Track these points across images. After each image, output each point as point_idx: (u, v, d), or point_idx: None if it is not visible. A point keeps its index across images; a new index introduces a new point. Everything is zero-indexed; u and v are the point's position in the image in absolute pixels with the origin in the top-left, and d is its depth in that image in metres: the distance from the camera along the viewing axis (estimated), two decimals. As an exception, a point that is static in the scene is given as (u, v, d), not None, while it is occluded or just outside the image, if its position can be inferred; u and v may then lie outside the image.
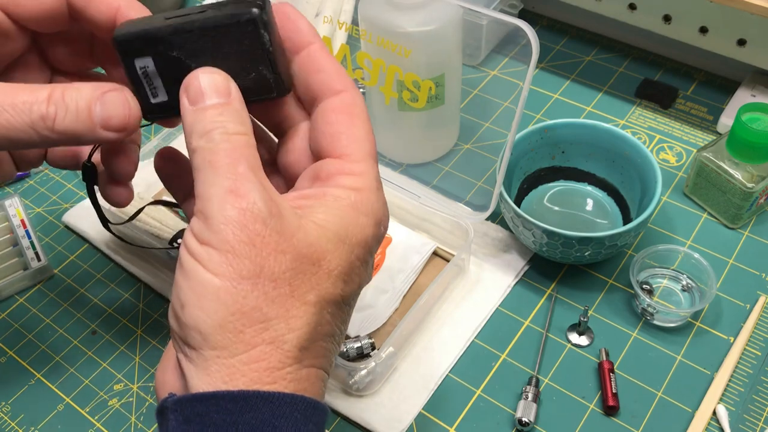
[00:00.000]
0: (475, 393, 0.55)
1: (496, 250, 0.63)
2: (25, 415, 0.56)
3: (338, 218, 0.34)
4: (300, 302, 0.32)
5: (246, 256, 0.31)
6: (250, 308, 0.31)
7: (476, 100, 0.75)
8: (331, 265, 0.33)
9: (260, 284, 0.31)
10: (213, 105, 0.34)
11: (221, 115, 0.34)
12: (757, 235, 0.63)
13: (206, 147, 0.33)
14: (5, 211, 0.67)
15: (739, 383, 0.54)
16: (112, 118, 0.36)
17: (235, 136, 0.33)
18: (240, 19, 0.34)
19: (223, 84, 0.34)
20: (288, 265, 0.32)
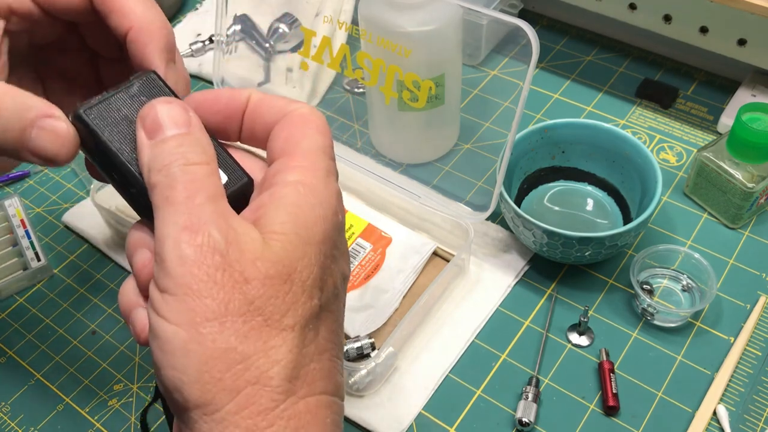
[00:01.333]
0: (475, 393, 0.55)
1: (496, 250, 0.63)
2: (25, 415, 0.56)
3: (294, 216, 0.32)
4: (277, 329, 0.30)
5: (207, 295, 0.29)
6: (223, 351, 0.29)
7: (476, 100, 0.75)
8: (303, 276, 0.31)
9: (228, 322, 0.29)
10: (173, 136, 0.32)
11: (181, 146, 0.32)
12: (758, 235, 0.63)
13: (164, 182, 0.31)
14: (5, 211, 0.67)
15: (739, 383, 0.54)
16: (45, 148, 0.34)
17: (194, 167, 0.31)
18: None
19: (182, 113, 0.33)
20: (255, 292, 0.29)
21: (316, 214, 0.32)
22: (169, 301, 0.29)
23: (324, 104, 0.76)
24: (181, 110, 0.33)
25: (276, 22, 0.76)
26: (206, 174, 0.32)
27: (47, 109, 0.34)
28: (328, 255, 0.32)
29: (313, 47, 0.63)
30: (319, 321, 0.32)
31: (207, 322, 0.29)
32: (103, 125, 0.33)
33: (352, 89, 0.77)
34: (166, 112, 0.33)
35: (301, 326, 0.30)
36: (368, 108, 0.70)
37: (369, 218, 0.64)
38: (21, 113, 0.33)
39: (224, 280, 0.29)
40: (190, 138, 0.32)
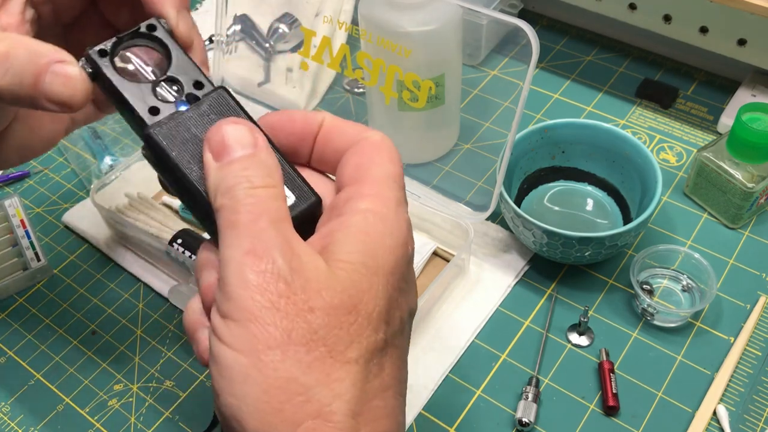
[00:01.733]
0: (475, 393, 0.55)
1: (496, 250, 0.63)
2: (25, 416, 0.56)
3: (363, 245, 0.31)
4: (341, 362, 0.28)
5: (270, 323, 0.28)
6: (284, 380, 0.28)
7: (476, 100, 0.75)
8: (369, 307, 0.30)
9: (291, 351, 0.28)
10: (238, 158, 0.31)
11: (246, 169, 0.31)
12: (758, 235, 0.63)
13: (228, 205, 0.30)
14: (5, 211, 0.67)
15: (739, 383, 0.54)
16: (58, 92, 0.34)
17: (259, 190, 0.31)
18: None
19: (249, 135, 0.32)
20: (320, 322, 0.28)
21: (385, 244, 0.31)
22: (231, 327, 0.29)
23: (324, 104, 0.76)
24: (248, 131, 0.32)
25: (276, 22, 0.76)
26: (271, 197, 0.31)
27: (58, 55, 0.34)
28: (396, 287, 0.31)
29: (313, 47, 0.63)
30: (384, 356, 0.30)
31: (269, 350, 0.28)
32: (173, 144, 0.33)
33: (352, 89, 0.77)
34: (233, 134, 0.32)
35: (366, 360, 0.29)
36: (368, 108, 0.70)
37: (369, 218, 0.64)
38: (34, 60, 0.33)
39: (288, 308, 0.28)
40: (255, 160, 0.32)
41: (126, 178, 0.69)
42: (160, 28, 0.36)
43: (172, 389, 0.57)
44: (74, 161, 0.74)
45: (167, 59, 0.36)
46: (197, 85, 0.35)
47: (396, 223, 0.32)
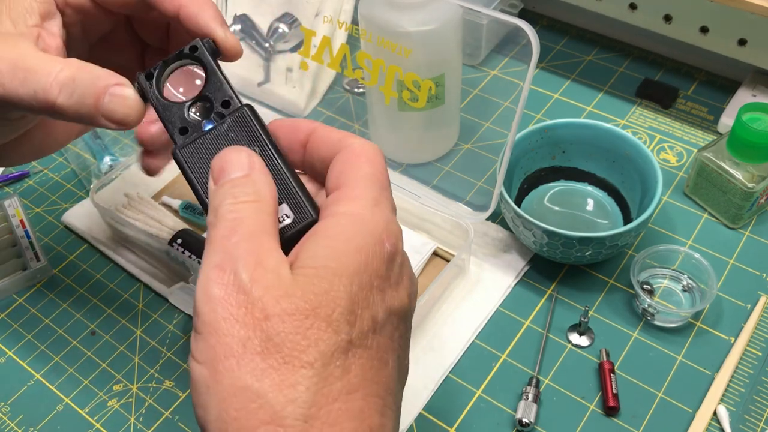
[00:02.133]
0: (475, 393, 0.55)
1: (497, 250, 0.63)
2: (24, 416, 0.56)
3: (328, 249, 0.31)
4: (295, 366, 0.29)
5: (227, 334, 0.29)
6: (239, 389, 0.28)
7: (476, 100, 0.75)
8: (328, 309, 0.30)
9: (246, 359, 0.29)
10: (231, 179, 0.33)
11: (234, 186, 0.33)
12: (758, 235, 0.63)
13: (211, 222, 0.32)
14: (4, 211, 0.67)
15: (739, 384, 0.54)
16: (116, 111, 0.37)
17: (241, 204, 0.32)
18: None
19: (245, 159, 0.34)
20: (275, 329, 0.29)
21: (352, 246, 0.31)
22: (197, 340, 0.30)
23: (324, 104, 0.76)
24: (246, 156, 0.34)
25: (276, 22, 0.76)
26: (253, 211, 0.32)
27: (116, 78, 0.37)
28: (363, 286, 0.31)
29: (313, 47, 0.63)
30: (348, 357, 0.30)
31: (225, 359, 0.29)
32: (192, 165, 0.36)
33: (352, 89, 0.77)
34: (230, 159, 0.34)
35: (323, 363, 0.29)
36: (368, 108, 0.70)
37: (369, 218, 0.64)
38: (95, 83, 0.37)
39: (245, 318, 0.29)
40: (246, 180, 0.33)
41: (126, 178, 0.69)
42: (202, 48, 0.38)
43: (172, 389, 0.57)
44: (74, 161, 0.74)
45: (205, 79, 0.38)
46: (225, 104, 0.37)
47: (369, 222, 0.32)
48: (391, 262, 0.33)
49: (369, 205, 0.33)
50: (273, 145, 0.36)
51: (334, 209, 0.33)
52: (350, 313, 0.30)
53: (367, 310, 0.31)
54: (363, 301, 0.31)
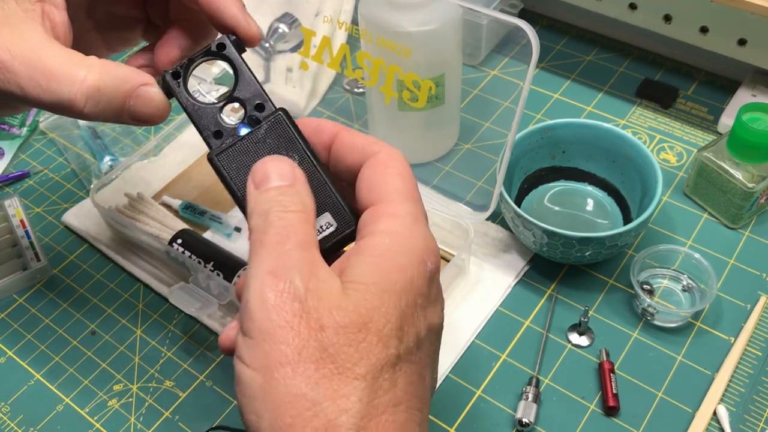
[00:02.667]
0: (475, 393, 0.55)
1: (496, 250, 0.63)
2: (24, 416, 0.56)
3: (375, 267, 0.32)
4: (348, 378, 0.30)
5: (283, 341, 0.30)
6: (294, 396, 0.29)
7: (476, 100, 0.75)
8: (379, 325, 0.31)
9: (301, 368, 0.29)
10: (276, 186, 0.34)
11: (282, 194, 0.33)
12: (758, 235, 0.63)
13: (261, 226, 0.33)
14: (5, 211, 0.67)
15: (739, 383, 0.54)
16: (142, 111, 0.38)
17: (290, 213, 0.33)
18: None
19: (289, 170, 0.34)
20: (330, 340, 0.30)
21: (397, 263, 0.32)
22: (249, 345, 0.30)
23: (324, 104, 0.76)
24: (289, 167, 0.35)
25: (276, 22, 0.76)
26: (300, 221, 0.33)
27: (141, 78, 0.38)
28: (410, 304, 0.32)
29: (313, 47, 0.63)
30: (396, 372, 0.31)
31: (281, 367, 0.29)
32: (230, 170, 0.36)
33: (352, 89, 0.77)
34: (274, 167, 0.34)
35: (374, 376, 0.30)
36: (368, 108, 0.70)
37: (369, 218, 0.64)
38: (121, 86, 0.37)
39: (300, 327, 0.30)
40: (291, 189, 0.34)
41: (126, 178, 0.69)
42: (229, 46, 0.38)
43: (172, 389, 0.57)
44: (74, 161, 0.74)
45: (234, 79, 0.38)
46: (259, 107, 0.37)
47: (410, 240, 0.34)
48: (431, 280, 0.34)
49: (408, 223, 0.34)
50: (311, 152, 0.36)
51: (373, 227, 0.34)
52: (399, 329, 0.31)
53: (413, 327, 0.32)
54: (410, 318, 0.32)
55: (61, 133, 0.77)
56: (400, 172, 0.36)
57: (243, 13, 0.40)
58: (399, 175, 0.35)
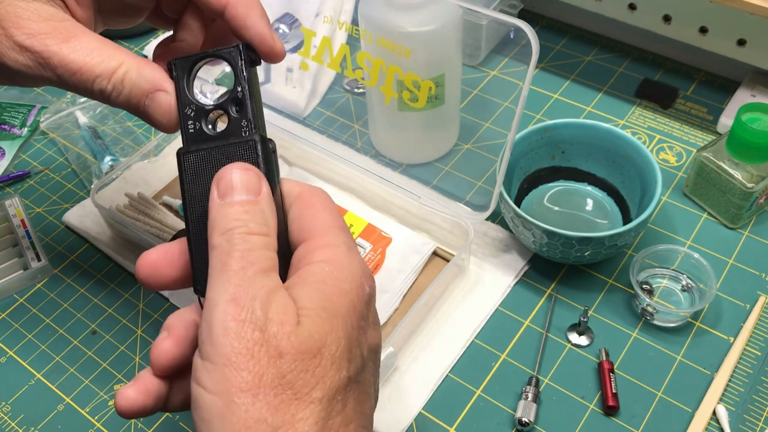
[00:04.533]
0: (475, 393, 0.55)
1: (496, 250, 0.63)
2: (25, 415, 0.56)
3: (320, 293, 0.33)
4: (305, 402, 0.31)
5: (244, 368, 0.31)
6: (254, 421, 0.30)
7: (476, 100, 0.75)
8: (332, 349, 0.32)
9: (261, 394, 0.31)
10: (240, 201, 0.34)
11: (246, 213, 0.34)
12: (757, 235, 0.63)
13: (224, 247, 0.33)
14: (5, 211, 0.67)
15: (739, 383, 0.54)
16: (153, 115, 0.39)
17: (254, 237, 0.33)
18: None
19: (255, 182, 0.35)
20: (288, 367, 0.31)
21: (340, 289, 0.34)
22: (209, 370, 0.31)
23: (324, 104, 0.76)
24: (256, 178, 0.35)
25: (276, 23, 0.76)
26: (263, 245, 0.33)
27: (158, 83, 0.39)
28: (355, 327, 0.34)
29: (313, 47, 0.63)
30: (347, 392, 0.33)
31: (242, 393, 0.30)
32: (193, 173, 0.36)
33: (352, 89, 0.77)
34: (240, 177, 0.34)
35: (329, 398, 0.32)
36: (368, 108, 0.70)
37: (369, 218, 0.64)
38: (140, 84, 0.39)
39: (260, 355, 0.31)
40: (256, 207, 0.34)
41: (126, 178, 0.69)
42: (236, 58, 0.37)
43: (172, 389, 0.57)
44: (74, 161, 0.74)
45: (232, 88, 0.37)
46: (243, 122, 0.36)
47: (349, 267, 0.35)
48: (370, 303, 0.36)
49: (344, 251, 0.35)
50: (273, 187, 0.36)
51: (311, 258, 0.35)
52: (349, 351, 0.33)
53: (358, 349, 0.34)
54: (355, 340, 0.34)
55: (62, 133, 0.77)
56: (326, 206, 0.37)
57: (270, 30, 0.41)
58: (326, 210, 0.37)
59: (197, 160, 0.36)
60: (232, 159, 0.36)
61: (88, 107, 0.78)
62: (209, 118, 0.37)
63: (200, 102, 0.37)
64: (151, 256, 0.37)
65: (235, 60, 0.37)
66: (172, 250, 0.37)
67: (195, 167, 0.36)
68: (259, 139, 0.36)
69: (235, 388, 0.30)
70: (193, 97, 0.37)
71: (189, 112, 0.37)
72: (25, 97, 0.81)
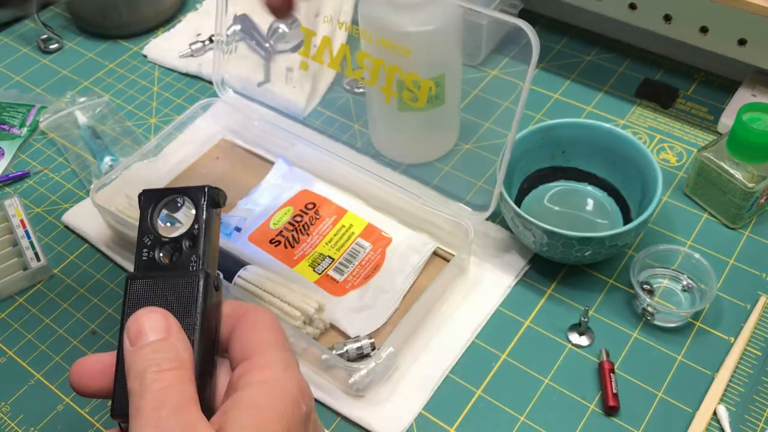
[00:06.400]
0: (475, 393, 0.55)
1: (497, 250, 0.63)
2: (25, 415, 0.56)
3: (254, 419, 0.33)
4: None
5: None
6: None
7: (476, 100, 0.75)
8: None
9: None
10: (151, 342, 0.34)
11: (156, 351, 0.34)
12: (758, 235, 0.63)
13: (137, 390, 0.33)
14: (5, 211, 0.67)
15: (739, 383, 0.54)
16: None
17: (166, 373, 0.33)
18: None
19: (163, 321, 0.35)
20: None
21: (275, 412, 0.34)
22: None
23: (324, 104, 0.76)
24: (162, 318, 0.35)
25: (276, 22, 0.76)
26: (177, 380, 0.33)
27: None
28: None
29: (313, 47, 0.63)
30: None
31: None
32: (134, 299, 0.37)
33: (352, 89, 0.77)
34: (147, 320, 0.35)
35: None
36: (368, 108, 0.70)
37: (369, 218, 0.64)
38: None
39: None
40: (166, 343, 0.34)
41: (126, 178, 0.69)
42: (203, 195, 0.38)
43: (172, 389, 0.57)
44: (74, 161, 0.74)
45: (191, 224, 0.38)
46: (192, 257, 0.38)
47: (284, 386, 0.35)
48: (307, 421, 0.36)
49: (280, 370, 0.35)
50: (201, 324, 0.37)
51: (248, 379, 0.35)
52: None
53: None
54: None
55: (61, 133, 0.77)
56: (268, 326, 0.37)
57: None
58: (266, 329, 0.37)
59: (142, 286, 0.37)
60: (175, 289, 0.37)
61: (88, 107, 0.78)
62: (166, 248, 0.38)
63: (159, 233, 0.38)
64: (85, 364, 0.37)
65: (198, 200, 0.38)
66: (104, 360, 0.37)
67: (138, 293, 0.37)
68: (203, 276, 0.37)
69: None
70: (153, 228, 0.38)
71: (146, 241, 0.38)
72: (24, 96, 0.81)
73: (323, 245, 0.63)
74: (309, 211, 0.65)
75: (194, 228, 0.38)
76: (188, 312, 0.37)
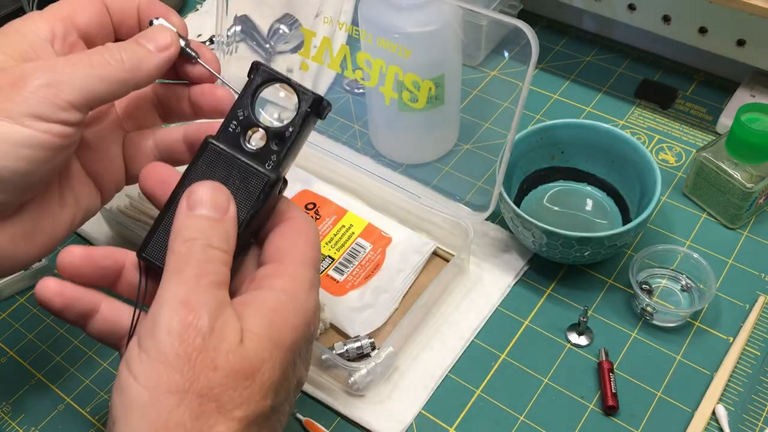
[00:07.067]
0: (475, 393, 0.55)
1: (496, 250, 0.63)
2: (25, 415, 0.56)
3: (270, 321, 0.34)
4: (226, 417, 0.32)
5: (178, 370, 0.32)
6: (174, 424, 0.31)
7: (476, 100, 0.75)
8: (264, 377, 0.34)
9: (187, 400, 0.32)
10: (207, 216, 0.35)
11: (211, 228, 0.35)
12: (757, 235, 0.63)
13: (183, 254, 0.34)
14: (6, 211, 0.67)
15: (738, 383, 0.54)
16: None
17: (214, 251, 0.35)
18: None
19: (224, 202, 0.36)
20: (218, 381, 0.32)
21: (290, 323, 0.35)
22: (144, 361, 0.32)
23: (324, 104, 0.76)
24: (226, 200, 0.36)
25: (276, 23, 0.76)
26: (221, 261, 0.35)
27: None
28: (291, 362, 0.35)
29: (314, 48, 0.63)
30: (267, 421, 0.35)
31: (170, 393, 0.32)
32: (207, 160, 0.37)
33: (352, 90, 0.77)
34: (211, 194, 0.36)
35: (249, 421, 0.33)
36: (368, 108, 0.70)
37: (369, 218, 0.64)
38: None
39: (197, 361, 0.32)
40: (221, 225, 0.35)
41: (126, 179, 0.69)
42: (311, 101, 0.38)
43: (172, 389, 0.57)
44: (75, 161, 0.74)
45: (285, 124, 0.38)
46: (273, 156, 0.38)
47: (304, 304, 0.36)
48: (310, 342, 0.37)
49: (306, 288, 0.37)
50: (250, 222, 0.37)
51: (272, 282, 0.36)
52: (279, 384, 0.35)
53: (287, 383, 0.36)
54: (288, 374, 0.35)
55: (62, 134, 0.76)
56: (310, 240, 0.38)
57: None
58: (307, 242, 0.38)
59: (219, 156, 0.37)
60: (245, 177, 0.37)
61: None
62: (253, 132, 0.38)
63: (253, 115, 0.38)
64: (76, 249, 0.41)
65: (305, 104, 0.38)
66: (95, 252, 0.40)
67: (212, 160, 0.37)
68: (273, 179, 0.37)
69: (164, 386, 0.31)
70: (251, 106, 0.38)
71: (239, 115, 0.38)
72: (25, 97, 0.81)
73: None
74: (309, 211, 0.65)
75: (288, 129, 0.37)
76: (246, 203, 0.37)
